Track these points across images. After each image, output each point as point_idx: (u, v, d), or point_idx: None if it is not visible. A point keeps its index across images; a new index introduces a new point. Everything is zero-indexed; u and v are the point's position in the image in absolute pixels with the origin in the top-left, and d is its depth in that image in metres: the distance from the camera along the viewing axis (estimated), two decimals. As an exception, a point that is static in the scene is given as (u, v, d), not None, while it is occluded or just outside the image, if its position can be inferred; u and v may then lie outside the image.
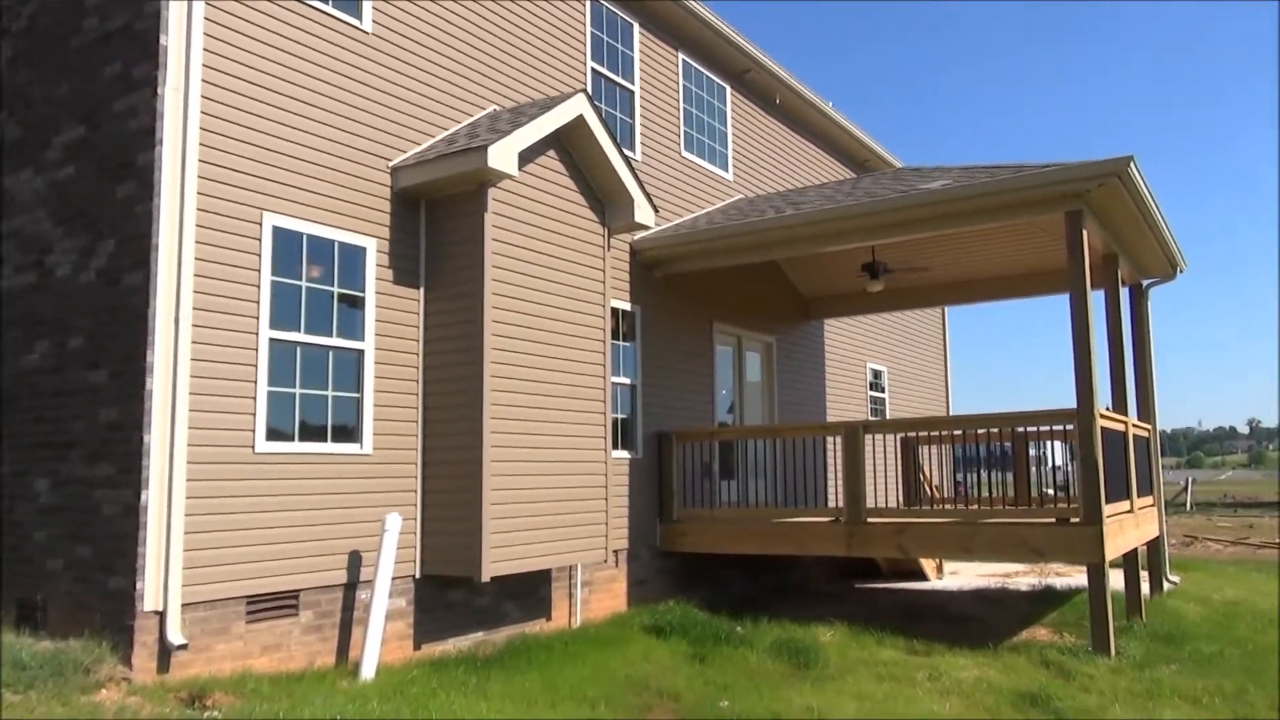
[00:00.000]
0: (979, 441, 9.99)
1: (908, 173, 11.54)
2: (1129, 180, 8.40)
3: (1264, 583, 13.55)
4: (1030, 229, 10.69)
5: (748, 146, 13.07)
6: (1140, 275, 11.73)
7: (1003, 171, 9.14)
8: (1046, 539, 8.42)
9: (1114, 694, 6.77)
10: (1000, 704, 6.52)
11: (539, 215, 8.20)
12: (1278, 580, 13.88)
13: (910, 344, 17.61)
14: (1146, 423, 11.29)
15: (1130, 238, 10.16)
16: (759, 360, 13.00)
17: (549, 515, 8.01)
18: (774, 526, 9.85)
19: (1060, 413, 8.69)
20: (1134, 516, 9.64)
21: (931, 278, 13.07)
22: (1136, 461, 10.19)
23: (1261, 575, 14.78)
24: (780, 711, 6.20)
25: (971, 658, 7.86)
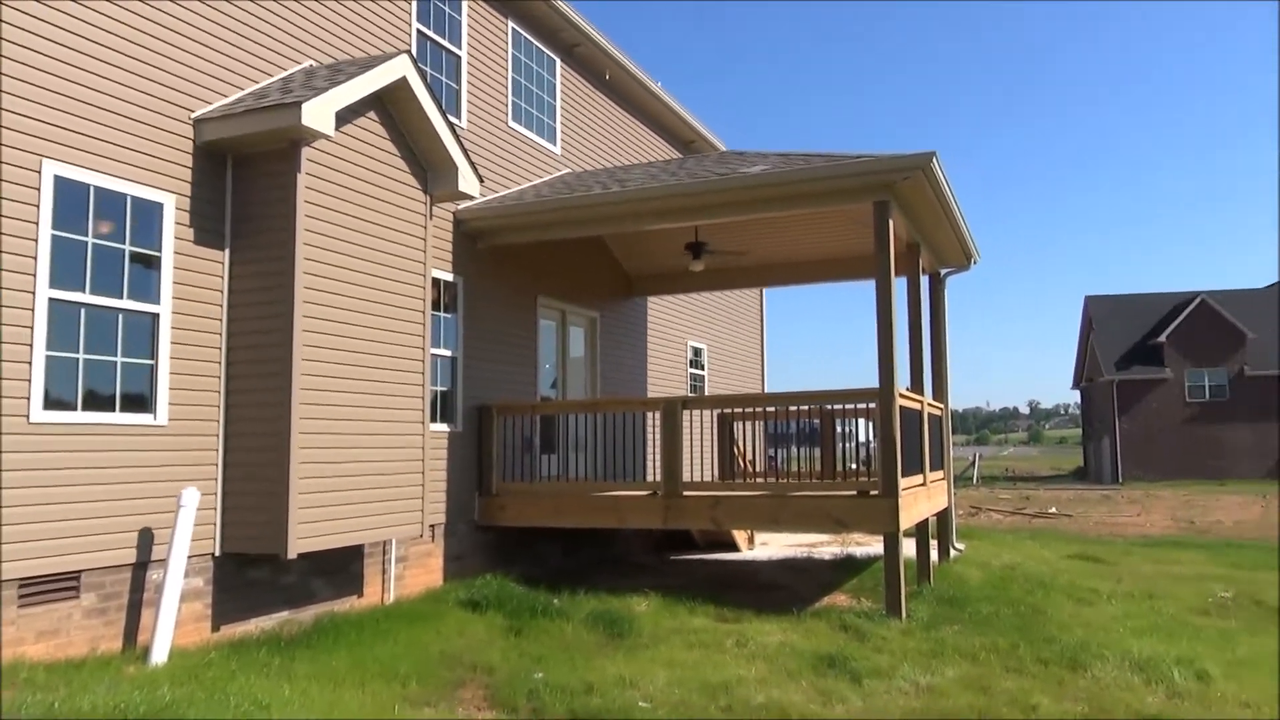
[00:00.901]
0: (790, 418, 10.44)
1: (731, 156, 11.84)
2: (931, 174, 8.93)
3: (1037, 549, 14.90)
4: (842, 217, 11.21)
5: (576, 121, 13.03)
6: (939, 264, 12.53)
7: (817, 160, 9.52)
8: (848, 510, 8.91)
9: (903, 654, 7.26)
10: (802, 667, 6.85)
11: (357, 179, 7.88)
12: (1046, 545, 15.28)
13: (730, 323, 18.14)
14: (940, 402, 12.11)
15: (931, 229, 10.83)
16: (583, 335, 13.05)
17: (362, 489, 7.76)
18: (594, 500, 9.95)
19: (864, 392, 9.19)
20: (926, 489, 10.35)
21: (751, 259, 13.49)
22: (930, 438, 10.92)
23: (1035, 542, 16.24)
24: (594, 681, 6.29)
25: (777, 624, 8.23)
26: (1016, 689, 6.33)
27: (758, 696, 6.03)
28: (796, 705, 5.89)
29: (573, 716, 5.73)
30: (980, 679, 6.58)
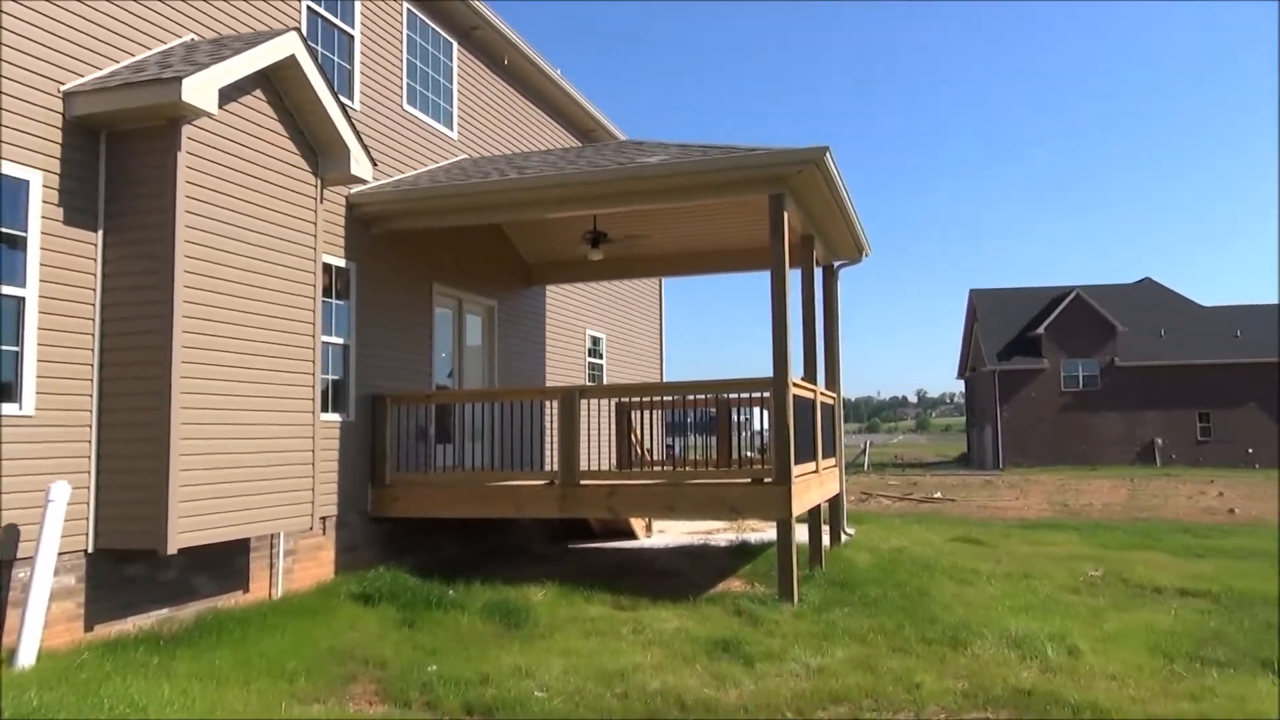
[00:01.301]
0: (688, 407, 10.55)
1: (630, 146, 11.85)
2: (825, 168, 9.13)
3: (923, 532, 15.43)
4: (740, 208, 11.35)
5: (474, 106, 12.84)
6: (832, 257, 12.83)
7: (715, 152, 9.62)
8: (743, 498, 9.06)
9: (795, 636, 7.43)
10: (697, 652, 6.95)
11: (242, 159, 7.59)
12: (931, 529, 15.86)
13: (629, 312, 18.20)
14: (832, 391, 12.42)
15: (826, 222, 11.07)
16: (480, 324, 12.90)
17: (248, 481, 7.51)
18: (490, 490, 9.86)
19: (759, 381, 9.35)
20: (819, 476, 10.60)
21: (649, 249, 13.55)
22: (823, 427, 11.18)
23: (921, 526, 16.82)
24: (489, 672, 6.24)
25: (673, 610, 8.32)
26: (902, 668, 6.55)
27: (653, 682, 6.08)
28: (691, 690, 5.96)
29: (467, 708, 5.68)
30: (868, 659, 6.79)
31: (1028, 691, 6.01)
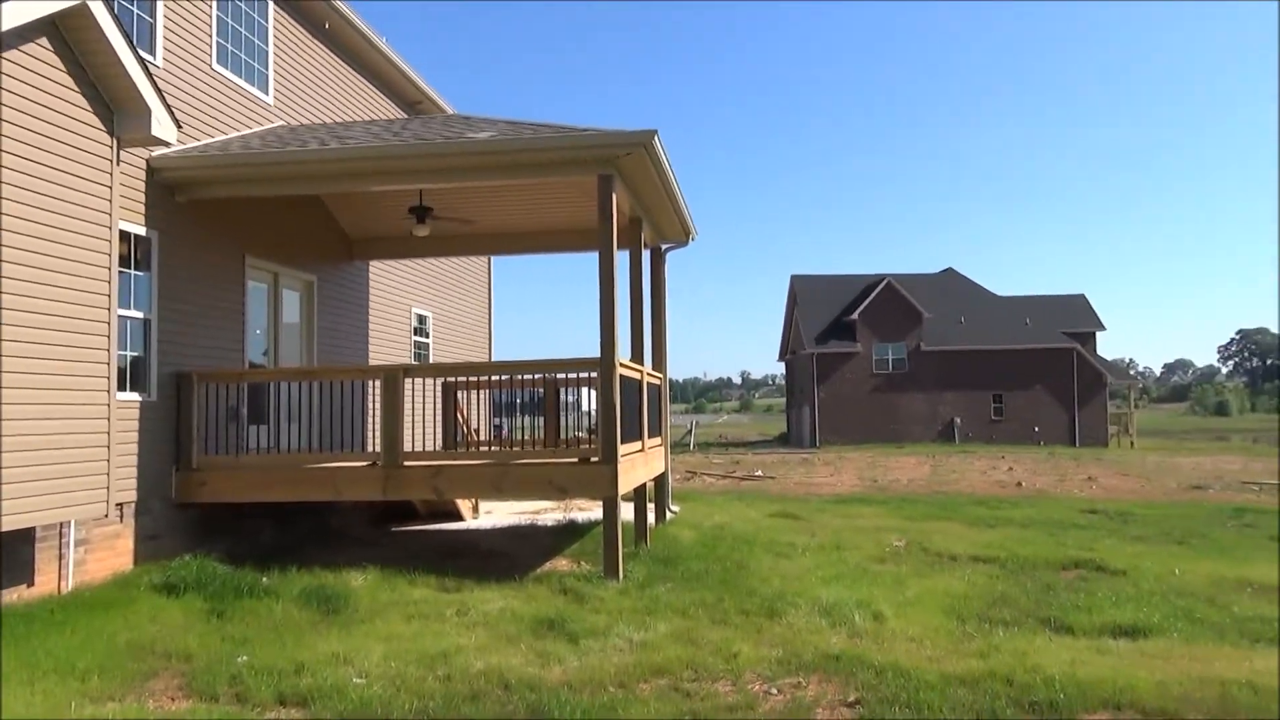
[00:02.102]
0: (516, 387, 10.48)
1: (458, 120, 11.60)
2: (653, 151, 9.24)
3: (744, 509, 16.00)
4: (570, 188, 11.34)
5: (293, 71, 12.20)
6: (660, 239, 13.03)
7: (546, 130, 9.55)
8: (570, 477, 9.10)
9: (619, 613, 7.54)
10: (522, 631, 6.94)
11: (23, 113, 6.92)
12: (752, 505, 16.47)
13: (456, 291, 17.86)
14: (659, 372, 12.64)
15: (653, 205, 11.22)
16: (298, 299, 12.33)
17: (31, 466, 6.90)
18: (307, 472, 9.47)
19: (586, 361, 9.39)
20: (645, 455, 10.78)
21: (478, 226, 13.33)
22: (649, 407, 11.37)
23: (742, 503, 17.44)
24: (305, 661, 6.02)
25: (499, 591, 8.27)
26: (720, 639, 6.77)
27: (477, 664, 6.04)
28: (515, 669, 5.95)
29: (280, 699, 5.45)
30: (689, 632, 6.98)
31: (836, 656, 6.34)
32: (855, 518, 15.35)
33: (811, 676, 5.98)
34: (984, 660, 6.27)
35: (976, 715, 5.16)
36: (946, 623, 7.58)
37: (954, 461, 33.72)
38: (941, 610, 8.04)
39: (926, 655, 6.48)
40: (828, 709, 5.41)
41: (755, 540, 11.69)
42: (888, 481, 24.96)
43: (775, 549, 11.18)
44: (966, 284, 55.40)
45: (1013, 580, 9.61)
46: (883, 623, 7.44)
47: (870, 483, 24.65)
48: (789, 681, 5.88)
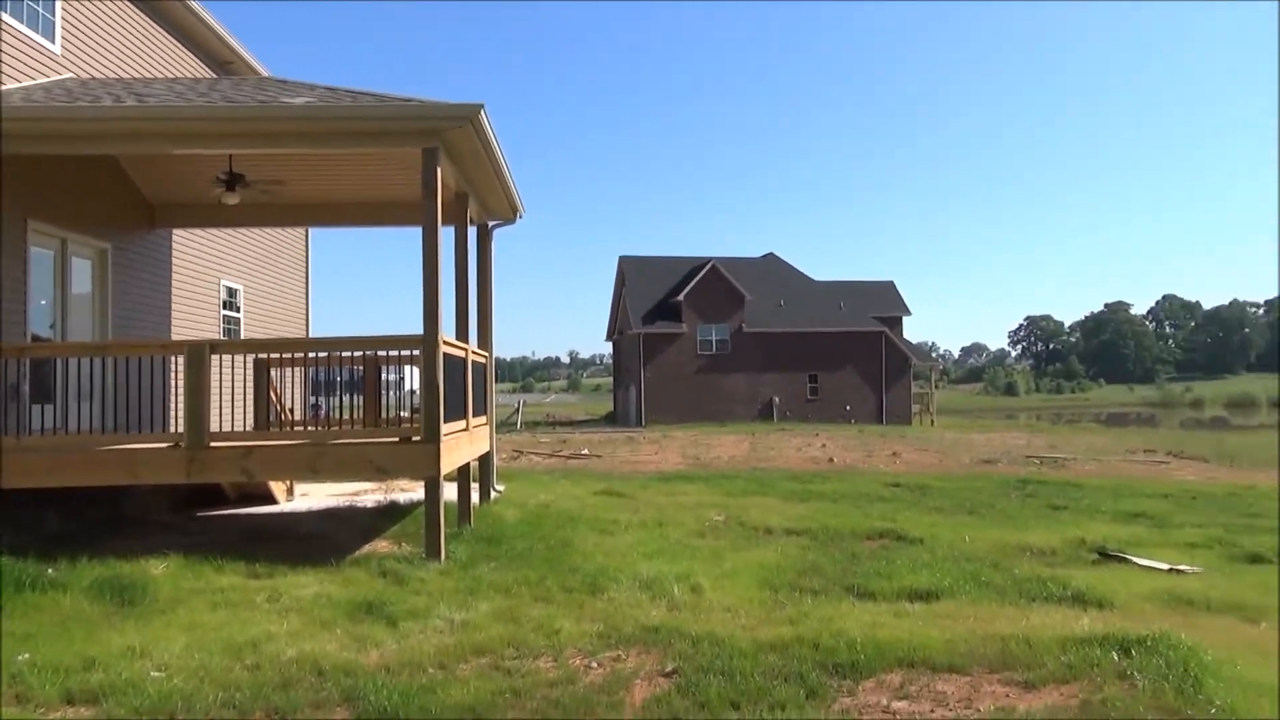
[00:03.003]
0: (335, 365, 10.10)
1: (272, 83, 11.03)
2: (479, 126, 9.09)
3: (570, 487, 16.10)
4: (391, 160, 11.00)
5: (84, 19, 11.21)
6: (487, 216, 12.85)
7: (367, 99, 9.22)
8: (390, 457, 8.88)
9: (441, 594, 7.44)
10: (338, 616, 6.73)
11: None
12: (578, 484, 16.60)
13: (270, 263, 17.01)
14: (485, 350, 12.50)
15: (480, 180, 11.04)
16: (90, 269, 11.41)
17: None
18: (101, 455, 8.81)
19: (409, 339, 9.17)
20: (469, 434, 10.65)
21: (294, 196, 12.73)
22: (474, 385, 11.23)
23: (568, 481, 17.54)
24: (96, 655, 5.62)
25: (314, 575, 7.99)
26: (543, 616, 6.80)
27: (289, 651, 5.81)
28: (330, 655, 5.77)
29: (68, 698, 5.07)
30: (511, 610, 6.97)
31: (655, 628, 6.49)
32: (678, 494, 15.73)
33: (631, 649, 6.10)
34: (794, 627, 6.59)
35: (785, 678, 5.42)
36: (760, 593, 7.91)
37: (772, 439, 35.10)
38: (756, 581, 8.38)
39: (741, 624, 6.75)
40: (645, 679, 5.54)
41: (580, 518, 11.79)
42: (710, 459, 25.72)
43: (599, 526, 11.32)
44: (786, 268, 57.65)
45: (822, 551, 10.13)
46: (701, 595, 7.68)
47: (693, 460, 25.32)
48: (609, 655, 5.99)
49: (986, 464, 24.35)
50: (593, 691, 5.30)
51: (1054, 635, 6.09)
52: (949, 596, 7.78)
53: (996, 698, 5.16)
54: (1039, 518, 13.24)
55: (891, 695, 5.24)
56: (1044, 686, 5.28)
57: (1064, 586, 7.96)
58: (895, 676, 5.51)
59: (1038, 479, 19.42)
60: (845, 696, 5.23)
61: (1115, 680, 5.25)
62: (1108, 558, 9.75)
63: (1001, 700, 5.11)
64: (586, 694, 5.25)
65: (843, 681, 5.44)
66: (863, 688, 5.36)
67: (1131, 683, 5.19)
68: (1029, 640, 6.01)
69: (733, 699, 5.10)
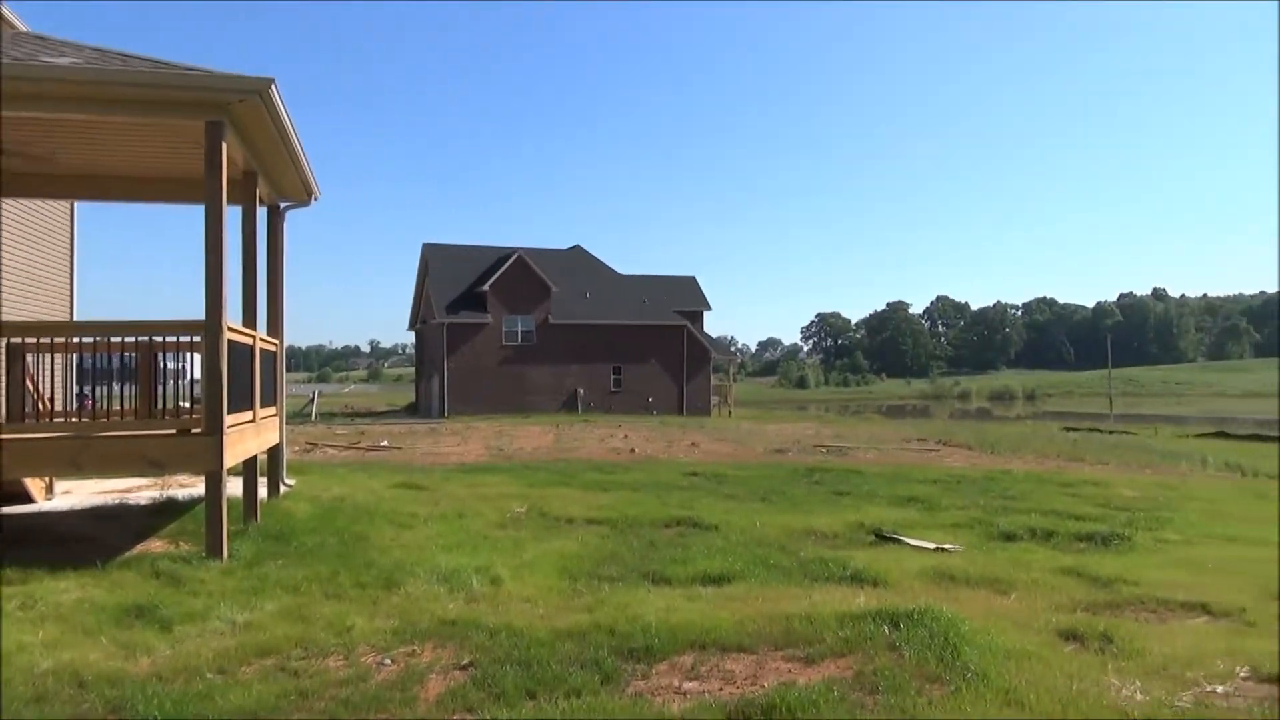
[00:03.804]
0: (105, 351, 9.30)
1: (30, 39, 9.99)
2: (270, 101, 8.61)
3: (366, 480, 15.59)
4: (172, 133, 10.19)
5: None
6: (278, 197, 12.20)
7: (143, 64, 8.54)
8: (167, 450, 8.30)
9: (222, 594, 7.03)
10: (103, 622, 6.23)
11: None
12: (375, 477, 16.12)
13: (29, 240, 15.43)
14: (275, 338, 11.88)
15: (271, 159, 10.47)
16: None
17: None
18: None
19: (189, 324, 8.59)
20: (256, 426, 10.10)
21: (58, 167, 11.59)
22: (263, 375, 10.66)
23: (365, 474, 16.97)
24: None
25: (76, 579, 7.35)
26: (334, 614, 6.56)
27: (44, 662, 5.33)
28: (93, 664, 5.34)
29: None
30: (300, 609, 6.69)
31: (453, 621, 6.41)
32: (480, 486, 15.57)
33: (427, 643, 6.00)
34: (591, 614, 6.68)
35: (581, 665, 5.48)
36: (559, 582, 7.96)
37: (576, 430, 35.36)
38: (556, 571, 8.43)
39: (539, 614, 6.77)
40: (441, 673, 5.46)
41: (377, 511, 11.45)
42: (513, 450, 25.59)
43: (397, 520, 11.04)
44: (593, 261, 58.16)
45: (622, 539, 10.31)
46: (500, 586, 7.64)
47: (496, 452, 25.12)
48: (404, 650, 5.86)
49: (779, 453, 25.53)
50: (385, 689, 5.17)
51: (833, 612, 6.48)
52: (740, 580, 8.12)
53: (780, 673, 5.44)
54: (824, 503, 14.02)
55: (683, 676, 5.42)
56: (823, 660, 5.61)
57: (844, 567, 8.48)
58: (687, 658, 5.70)
59: (824, 467, 20.57)
60: (639, 680, 5.36)
61: (886, 651, 5.65)
62: (884, 539, 10.46)
63: (785, 675, 5.39)
64: (379, 691, 5.12)
65: (637, 665, 5.57)
66: (656, 670, 5.51)
67: (900, 653, 5.60)
68: (811, 618, 6.36)
69: (529, 688, 5.12)
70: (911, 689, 5.04)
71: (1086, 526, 11.38)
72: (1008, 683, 5.11)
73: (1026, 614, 6.90)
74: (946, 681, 5.16)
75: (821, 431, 36.69)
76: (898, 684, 5.09)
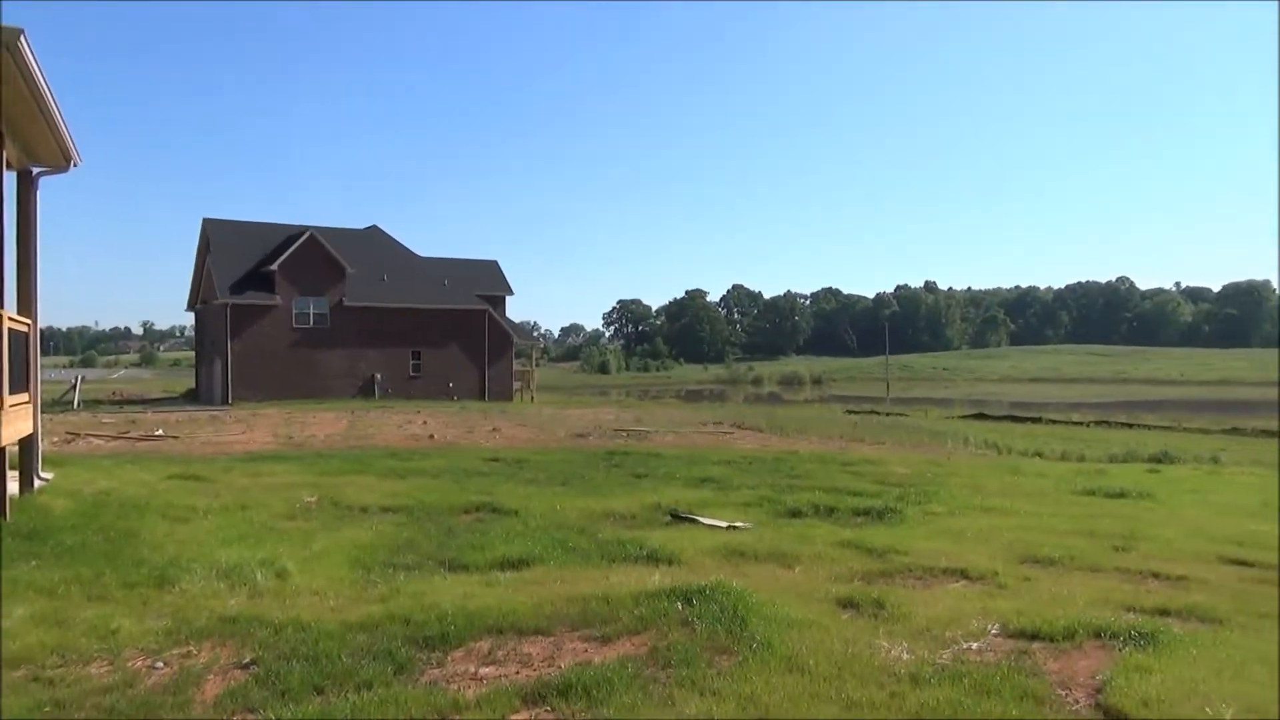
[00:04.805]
0: None
1: None
2: (19, 54, 7.76)
3: (137, 472, 14.45)
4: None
5: None
6: (31, 161, 11.04)
7: None
8: (-107, 442, 7.34)
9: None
10: None
11: None
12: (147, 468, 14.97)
13: None
14: (26, 317, 10.77)
15: (19, 119, 9.45)
16: None
17: None
18: None
19: (-80, 299, 7.63)
20: (5, 414, 9.12)
21: None
22: (12, 357, 9.63)
23: (136, 466, 15.73)
24: None
25: None
26: (97, 617, 6.06)
27: None
28: None
29: None
30: (57, 613, 6.13)
31: (233, 618, 6.07)
32: (266, 476, 14.78)
33: (205, 643, 5.65)
34: (385, 604, 6.50)
35: (374, 656, 5.33)
36: (352, 573, 7.69)
37: (372, 417, 34.25)
38: (348, 561, 8.14)
39: (329, 606, 6.52)
40: (220, 674, 5.16)
41: (148, 506, 10.64)
42: (304, 438, 24.47)
43: (172, 514, 10.31)
44: (390, 242, 56.37)
45: (419, 527, 10.09)
46: (286, 579, 7.30)
47: (286, 440, 23.93)
48: (178, 652, 5.49)
49: (580, 437, 25.75)
50: (156, 693, 4.83)
51: (629, 592, 6.61)
52: (539, 563, 8.13)
53: (577, 653, 5.50)
54: (623, 486, 14.27)
55: (479, 662, 5.37)
56: (619, 639, 5.71)
57: (641, 547, 8.67)
58: (484, 644, 5.66)
59: (624, 450, 20.93)
60: (434, 668, 5.27)
61: (679, 627, 5.83)
62: (679, 519, 10.77)
63: (581, 655, 5.45)
64: (149, 696, 4.78)
65: (432, 654, 5.48)
66: (452, 658, 5.43)
67: (692, 628, 5.80)
68: (607, 598, 6.47)
69: (316, 684, 4.92)
70: (702, 661, 5.22)
71: (864, 502, 12.16)
72: (790, 650, 5.40)
73: (809, 585, 7.30)
74: (734, 652, 5.38)
75: (622, 416, 37.32)
76: (689, 657, 5.27)
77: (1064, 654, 5.57)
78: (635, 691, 4.80)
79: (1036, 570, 8.06)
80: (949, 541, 9.43)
